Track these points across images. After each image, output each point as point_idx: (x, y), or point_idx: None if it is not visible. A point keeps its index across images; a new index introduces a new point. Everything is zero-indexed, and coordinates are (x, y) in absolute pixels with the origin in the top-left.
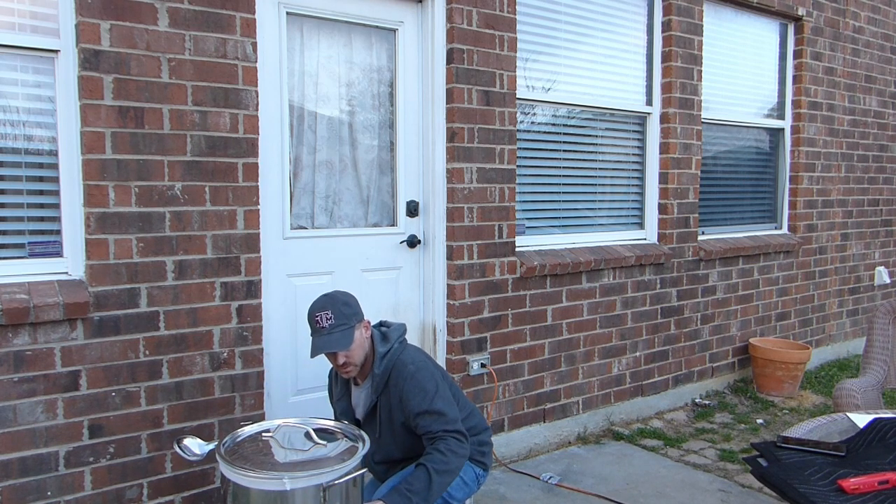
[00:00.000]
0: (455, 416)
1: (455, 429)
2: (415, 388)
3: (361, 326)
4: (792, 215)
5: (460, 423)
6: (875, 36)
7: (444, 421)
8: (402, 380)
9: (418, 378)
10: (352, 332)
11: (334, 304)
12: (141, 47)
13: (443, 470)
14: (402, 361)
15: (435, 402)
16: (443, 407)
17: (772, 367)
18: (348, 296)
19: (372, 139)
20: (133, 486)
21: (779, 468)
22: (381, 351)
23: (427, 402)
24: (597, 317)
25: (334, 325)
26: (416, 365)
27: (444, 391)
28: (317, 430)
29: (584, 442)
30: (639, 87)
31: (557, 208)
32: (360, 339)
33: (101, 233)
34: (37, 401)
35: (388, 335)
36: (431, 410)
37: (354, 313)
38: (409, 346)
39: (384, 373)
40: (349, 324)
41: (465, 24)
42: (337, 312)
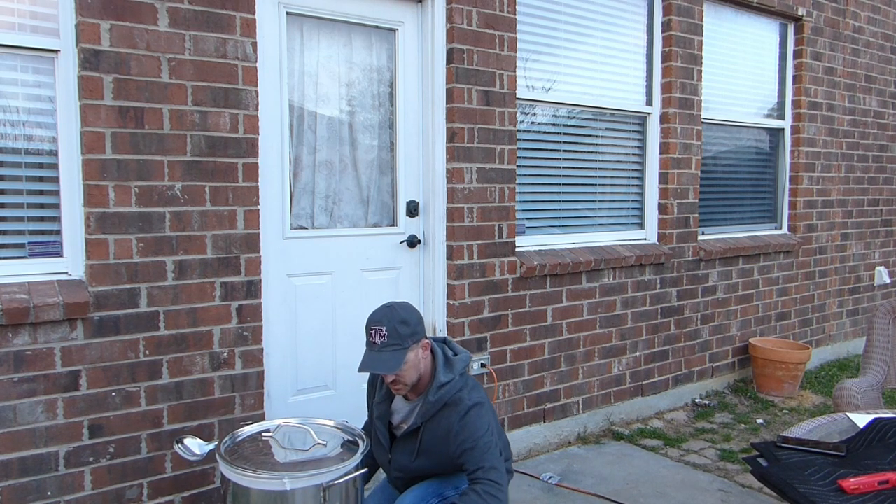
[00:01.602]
0: (496, 463)
1: (494, 478)
2: (465, 428)
3: (419, 347)
4: (792, 215)
5: (502, 468)
6: (875, 36)
7: (486, 461)
8: (457, 416)
9: (471, 416)
10: (403, 354)
11: (391, 320)
12: (141, 47)
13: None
14: (459, 398)
15: (480, 443)
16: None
17: (772, 367)
18: (410, 312)
19: (372, 139)
20: (133, 486)
21: (779, 468)
22: (441, 380)
23: (472, 441)
24: (597, 317)
25: (386, 344)
26: (472, 401)
27: (492, 436)
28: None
29: (584, 442)
30: (639, 87)
31: (557, 208)
32: (413, 360)
33: (101, 233)
34: (37, 401)
35: (452, 364)
36: (475, 449)
37: (412, 333)
38: (469, 379)
39: (437, 403)
40: (403, 345)
41: (465, 24)
42: (391, 330)
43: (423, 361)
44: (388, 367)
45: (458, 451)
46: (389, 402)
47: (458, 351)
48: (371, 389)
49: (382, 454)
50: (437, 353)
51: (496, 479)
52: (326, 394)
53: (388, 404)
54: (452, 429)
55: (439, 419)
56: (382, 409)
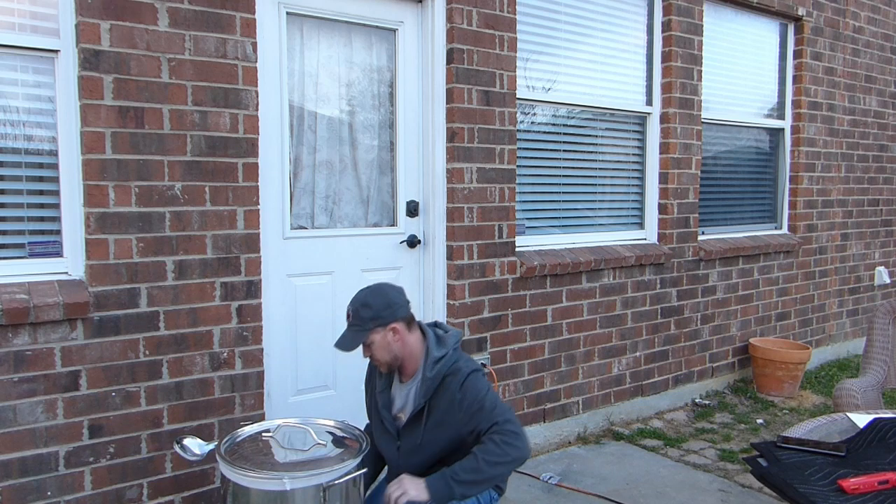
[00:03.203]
0: (508, 415)
1: (510, 427)
2: (466, 393)
3: (385, 330)
4: (792, 215)
5: (515, 420)
6: (875, 36)
7: (496, 415)
8: (456, 384)
9: (470, 380)
10: (363, 336)
11: (356, 302)
12: (141, 47)
13: (495, 462)
14: (457, 367)
15: (486, 403)
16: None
17: (772, 367)
18: (378, 295)
19: (372, 139)
20: (133, 486)
21: (779, 468)
22: (435, 355)
23: (477, 403)
24: (597, 317)
25: (351, 324)
26: (469, 368)
27: (494, 394)
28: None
29: (584, 442)
30: (639, 87)
31: (557, 208)
32: (381, 341)
33: (101, 233)
34: (37, 401)
35: (444, 340)
36: (483, 410)
37: (373, 317)
38: (463, 353)
39: (436, 377)
40: (363, 327)
41: (465, 24)
42: (355, 312)
43: (396, 345)
44: (345, 346)
45: (465, 417)
46: (389, 390)
47: (447, 329)
48: (369, 383)
49: (390, 444)
50: (427, 334)
51: (512, 429)
52: (326, 394)
53: (388, 392)
54: (455, 397)
55: (441, 394)
56: (385, 397)
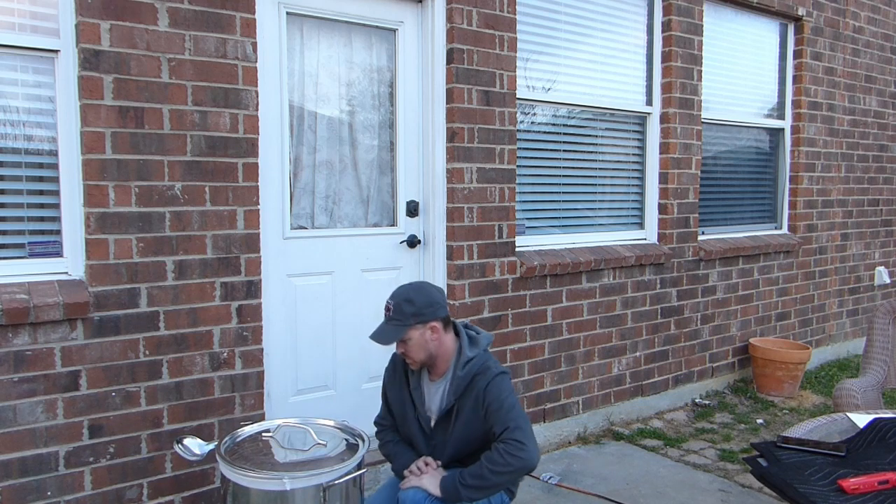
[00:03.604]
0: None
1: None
2: (490, 391)
3: (425, 328)
4: (792, 215)
5: (526, 427)
6: (875, 36)
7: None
8: (483, 382)
9: (497, 381)
10: (403, 331)
11: (399, 297)
12: (141, 47)
13: (498, 471)
14: (487, 366)
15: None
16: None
17: (772, 367)
18: (421, 293)
19: (372, 139)
20: (133, 486)
21: (779, 468)
22: (468, 355)
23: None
24: (597, 317)
25: (391, 318)
26: (499, 369)
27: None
28: (317, 430)
29: (584, 442)
30: (639, 87)
31: (557, 208)
32: (418, 339)
33: (101, 233)
34: (37, 401)
35: (476, 342)
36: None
37: (415, 314)
38: (492, 355)
39: (466, 376)
40: (404, 322)
41: (465, 24)
42: (397, 307)
43: (433, 343)
44: (384, 339)
45: (485, 414)
46: (420, 388)
47: (479, 331)
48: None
49: (422, 440)
50: (461, 334)
51: (518, 438)
52: (326, 394)
53: (420, 390)
54: (480, 395)
55: (469, 393)
56: (418, 394)
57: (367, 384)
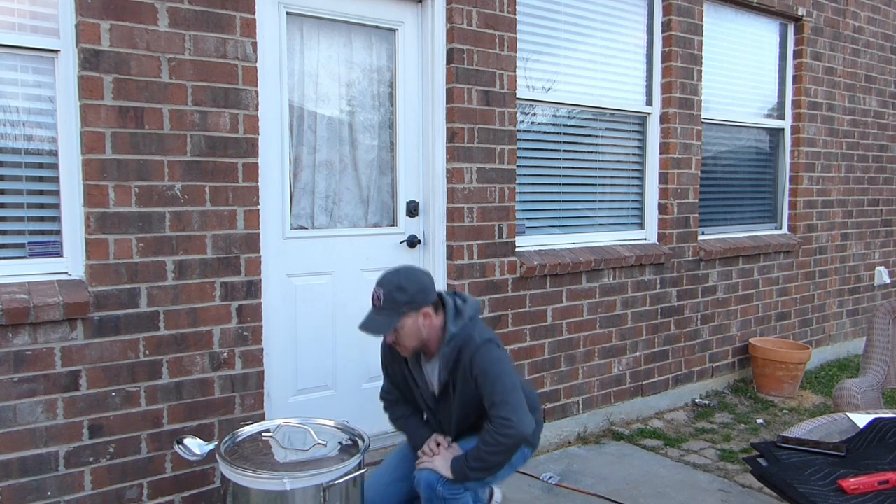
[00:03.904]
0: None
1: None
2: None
3: (418, 315)
4: (792, 215)
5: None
6: (875, 36)
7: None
8: (468, 353)
9: (482, 351)
10: (395, 320)
11: (388, 285)
12: (141, 47)
13: (493, 451)
14: (469, 337)
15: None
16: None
17: (772, 367)
18: (412, 280)
19: (372, 139)
20: (133, 486)
21: (779, 468)
22: (452, 331)
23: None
24: (597, 317)
25: (382, 307)
26: (483, 338)
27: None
28: (317, 430)
29: (584, 442)
30: (639, 87)
31: (557, 208)
32: (411, 326)
33: (101, 233)
34: (37, 401)
35: (461, 312)
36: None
37: (408, 301)
38: (480, 322)
39: (453, 351)
40: (398, 311)
41: (465, 24)
42: (388, 295)
43: (426, 329)
44: (377, 330)
45: (477, 386)
46: (420, 367)
47: (466, 298)
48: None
49: (430, 415)
50: (447, 306)
51: (503, 415)
52: (326, 394)
53: (420, 369)
54: (467, 367)
55: (459, 365)
56: (419, 374)
57: (367, 384)
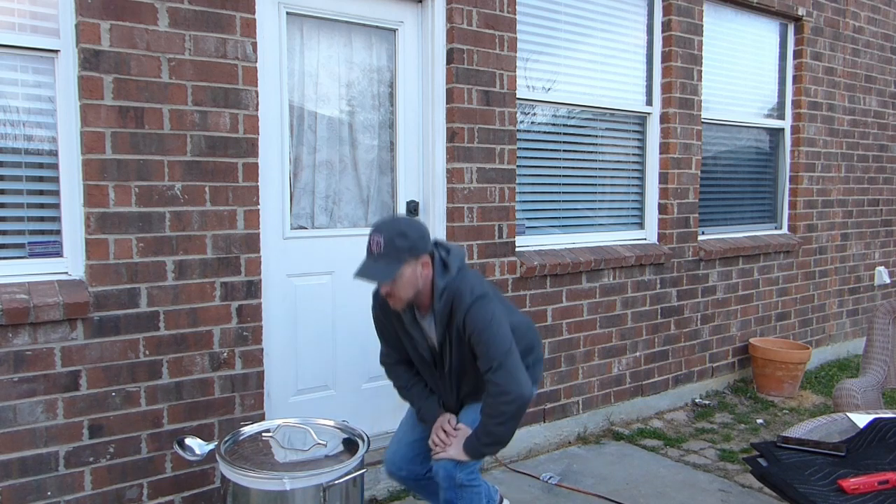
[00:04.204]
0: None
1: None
2: (468, 322)
3: (417, 263)
4: (792, 215)
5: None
6: (875, 36)
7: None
8: (461, 311)
9: (474, 308)
10: (397, 267)
11: (390, 230)
12: (141, 47)
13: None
14: (460, 291)
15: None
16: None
17: (772, 367)
18: (412, 225)
19: (372, 139)
20: (133, 486)
21: (779, 468)
22: (440, 285)
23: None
24: (597, 317)
25: (381, 254)
26: (473, 295)
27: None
28: (317, 430)
29: (584, 442)
30: (639, 87)
31: (557, 208)
32: (410, 275)
33: (101, 233)
34: (37, 401)
35: (448, 264)
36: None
37: (410, 248)
38: (468, 273)
39: (445, 306)
40: (398, 258)
41: (465, 24)
42: (388, 241)
43: (423, 279)
44: (379, 277)
45: (472, 345)
46: (416, 323)
47: (450, 248)
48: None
49: (431, 372)
50: (435, 259)
51: (500, 381)
52: (326, 394)
53: (417, 325)
54: (460, 327)
55: (453, 322)
56: (417, 330)
57: (367, 384)
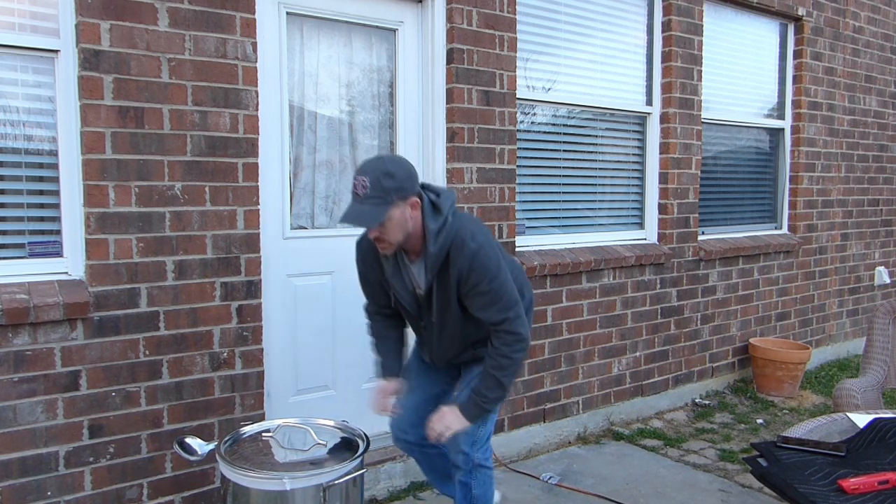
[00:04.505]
0: (512, 301)
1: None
2: (477, 269)
3: (406, 204)
4: (792, 215)
5: (518, 307)
6: (875, 36)
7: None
8: (463, 259)
9: (480, 257)
10: (385, 210)
11: (375, 170)
12: (141, 47)
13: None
14: (460, 238)
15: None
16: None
17: (772, 367)
18: (399, 164)
19: (372, 139)
20: (133, 486)
21: (779, 468)
22: (433, 227)
23: (487, 282)
24: (597, 317)
25: (369, 196)
26: (476, 242)
27: (504, 272)
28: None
29: (584, 442)
30: (639, 87)
31: (557, 208)
32: (399, 217)
33: (101, 233)
34: (37, 401)
35: (439, 206)
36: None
37: (398, 188)
38: (463, 217)
39: (441, 251)
40: (386, 199)
41: (465, 24)
42: (375, 182)
43: (413, 221)
44: (368, 221)
45: (472, 295)
46: (402, 274)
47: (439, 191)
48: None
49: (416, 324)
50: (423, 202)
51: (516, 330)
52: (326, 394)
53: (400, 277)
54: (462, 274)
55: (450, 269)
56: (399, 280)
57: (367, 384)
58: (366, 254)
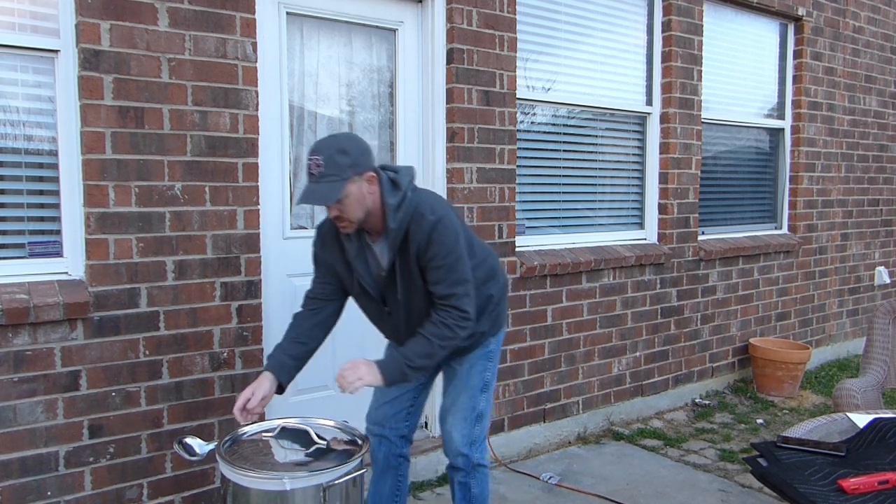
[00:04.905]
0: (463, 278)
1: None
2: (435, 242)
3: (362, 179)
4: (792, 215)
5: (469, 285)
6: (875, 36)
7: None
8: (422, 232)
9: (439, 230)
10: (341, 186)
11: (328, 148)
12: (141, 47)
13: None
14: (419, 212)
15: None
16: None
17: (772, 367)
18: (352, 141)
19: (372, 139)
20: (133, 486)
21: (779, 468)
22: (392, 203)
23: (442, 256)
24: (597, 317)
25: (324, 174)
26: (436, 215)
27: (461, 248)
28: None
29: (584, 442)
30: (639, 87)
31: (557, 208)
32: (357, 193)
33: (101, 233)
34: (37, 401)
35: (397, 182)
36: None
37: (352, 164)
38: (421, 190)
39: (401, 227)
40: (341, 176)
41: (465, 24)
42: (328, 160)
43: (371, 196)
44: (325, 198)
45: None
46: (365, 255)
47: (398, 169)
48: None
49: (377, 309)
50: (382, 179)
51: (463, 307)
52: (326, 394)
53: (364, 258)
54: (421, 247)
55: (409, 244)
56: (361, 263)
57: None
58: (325, 237)
